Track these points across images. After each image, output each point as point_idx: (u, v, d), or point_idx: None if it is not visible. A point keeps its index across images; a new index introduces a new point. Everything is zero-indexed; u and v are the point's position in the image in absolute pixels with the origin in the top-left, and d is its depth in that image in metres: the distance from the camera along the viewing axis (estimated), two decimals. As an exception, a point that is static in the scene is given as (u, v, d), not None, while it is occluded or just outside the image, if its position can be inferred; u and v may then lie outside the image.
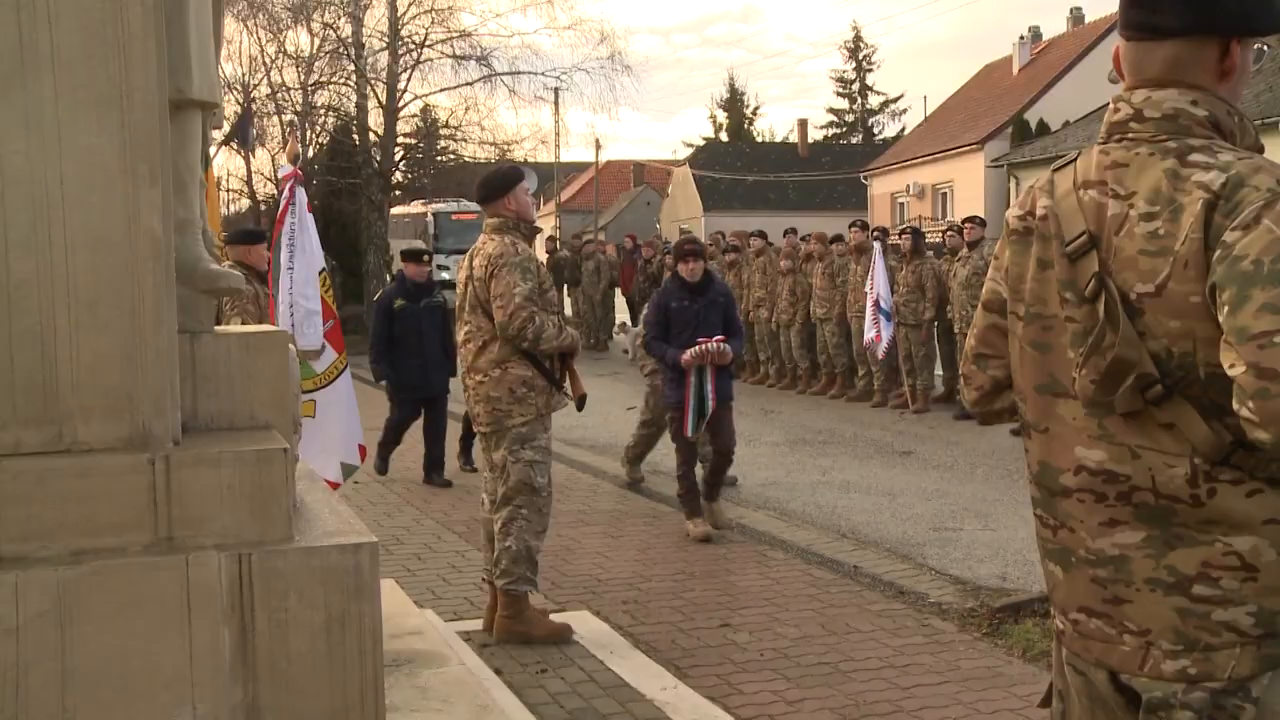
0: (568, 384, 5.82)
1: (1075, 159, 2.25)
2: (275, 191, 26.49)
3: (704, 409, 7.49)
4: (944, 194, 36.98)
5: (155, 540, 2.52)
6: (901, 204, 39.08)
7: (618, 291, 22.24)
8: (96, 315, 2.52)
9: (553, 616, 5.84)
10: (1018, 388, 2.31)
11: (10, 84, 2.47)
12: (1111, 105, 2.23)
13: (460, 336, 5.73)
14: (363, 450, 6.51)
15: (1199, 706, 2.03)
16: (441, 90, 26.45)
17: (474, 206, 37.16)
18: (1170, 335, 2.00)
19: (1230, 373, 1.86)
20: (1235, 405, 1.85)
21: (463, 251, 6.31)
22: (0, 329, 2.46)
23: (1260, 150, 2.12)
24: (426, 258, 9.99)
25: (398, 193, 28.60)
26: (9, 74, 2.47)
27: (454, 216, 29.67)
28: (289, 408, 3.02)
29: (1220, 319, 1.89)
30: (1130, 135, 2.14)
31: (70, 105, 2.49)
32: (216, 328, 3.10)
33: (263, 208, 27.15)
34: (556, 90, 30.85)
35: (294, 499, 2.74)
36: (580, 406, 6.01)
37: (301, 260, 6.33)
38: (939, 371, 13.87)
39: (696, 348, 7.44)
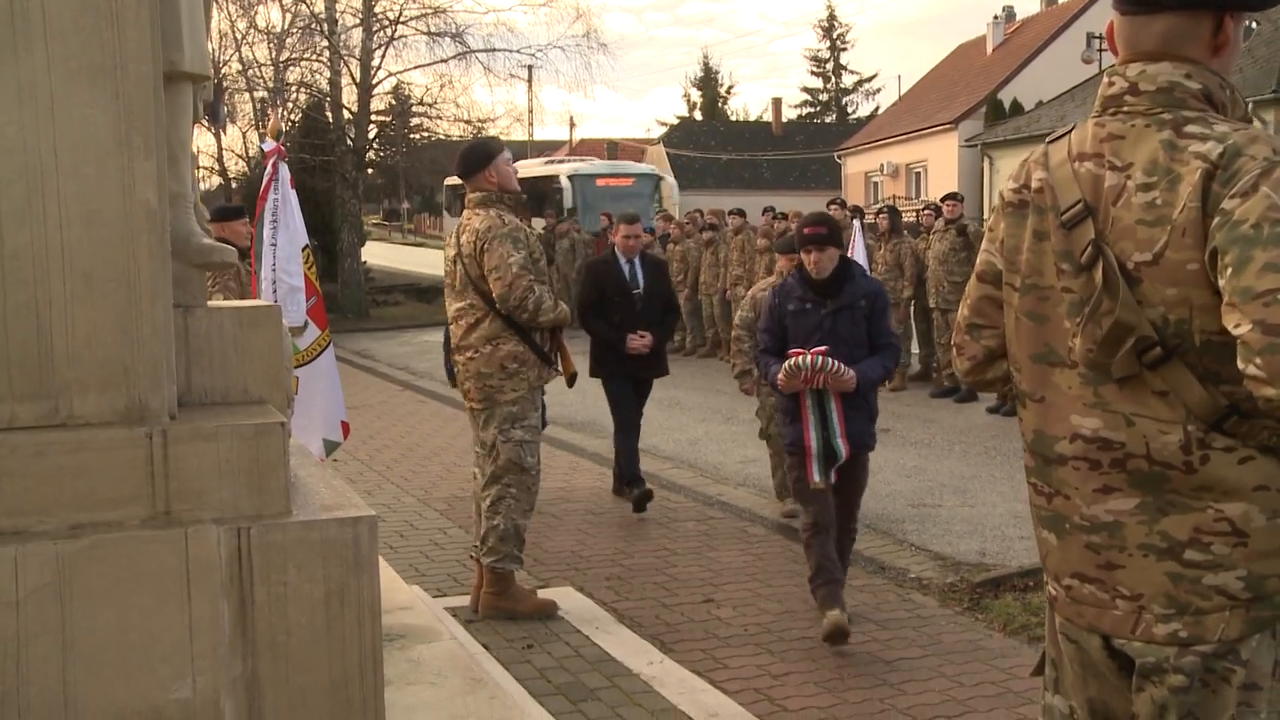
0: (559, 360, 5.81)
1: (1069, 132, 2.28)
2: (247, 169, 26.31)
3: (833, 450, 5.39)
4: (918, 173, 37.09)
5: (153, 514, 2.51)
6: (875, 183, 39.16)
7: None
8: (92, 288, 2.50)
9: (537, 593, 5.86)
10: (1013, 358, 2.34)
11: (2, 54, 2.44)
12: (1106, 79, 2.25)
13: (450, 314, 5.72)
14: (345, 427, 6.49)
15: (1190, 670, 2.07)
16: (416, 67, 26.35)
17: (626, 167, 28.97)
18: (1167, 303, 2.03)
19: (1235, 332, 1.88)
20: (1241, 364, 1.87)
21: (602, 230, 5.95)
22: (-5, 302, 2.44)
23: (1249, 122, 2.15)
24: None
25: (370, 170, 28.34)
26: (1, 44, 2.44)
27: (600, 181, 24.45)
28: (283, 383, 3.01)
29: (1222, 283, 1.92)
30: (1125, 108, 2.17)
31: (63, 76, 2.47)
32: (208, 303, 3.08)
33: (234, 185, 26.95)
34: (530, 68, 30.70)
35: (290, 473, 2.74)
36: (571, 383, 6.02)
37: (285, 237, 6.30)
38: (915, 349, 13.94)
39: (789, 362, 5.33)
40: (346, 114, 25.35)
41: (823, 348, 5.32)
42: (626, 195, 25.23)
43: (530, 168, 28.81)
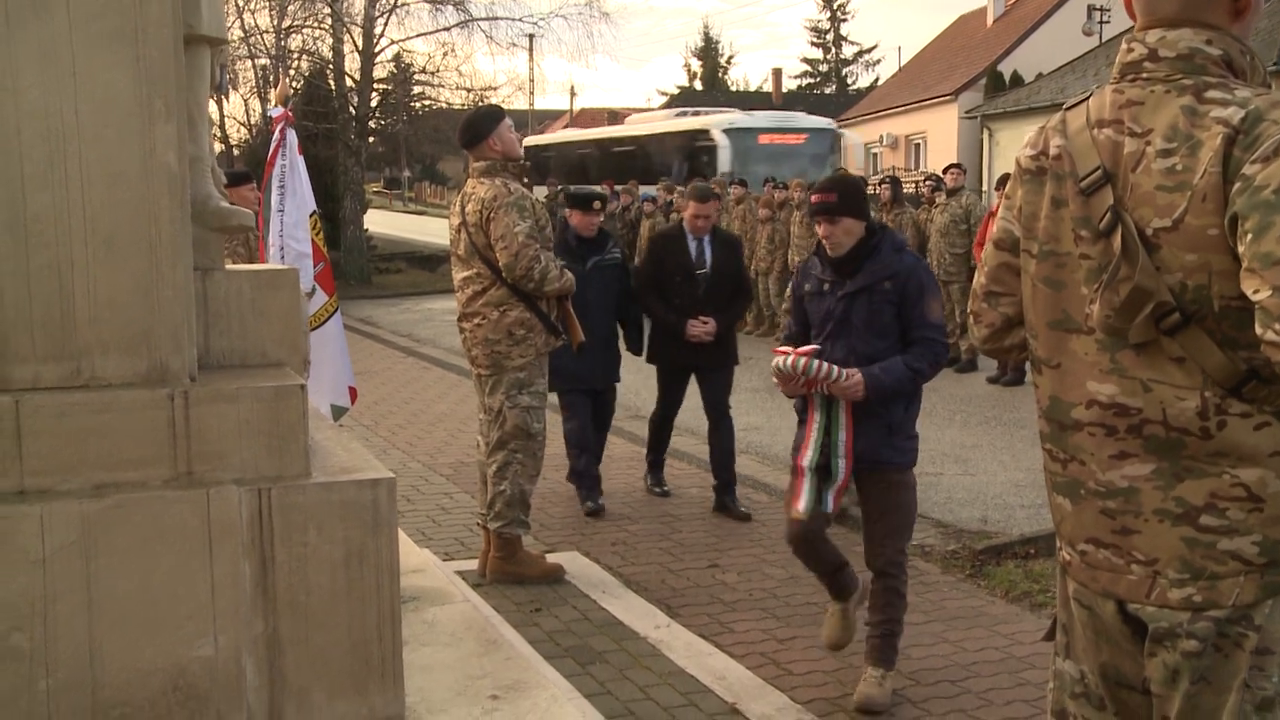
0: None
1: (1087, 98, 2.27)
2: (249, 136, 26.18)
3: (831, 472, 4.45)
4: (917, 145, 37.00)
5: (175, 475, 2.54)
6: (875, 154, 39.06)
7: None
8: (113, 250, 2.52)
9: (545, 557, 5.90)
10: (1029, 324, 2.34)
11: (25, 17, 2.45)
12: (1124, 45, 2.25)
13: (456, 282, 5.73)
14: (353, 392, 6.51)
15: (1204, 635, 2.09)
16: (418, 35, 26.19)
17: (795, 120, 22.50)
18: (1186, 269, 2.04)
19: (1254, 298, 1.89)
20: (1259, 329, 1.88)
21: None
22: (18, 263, 2.46)
23: (1269, 88, 2.15)
24: (598, 204, 7.18)
25: (372, 139, 28.18)
26: (24, 6, 2.45)
27: (763, 138, 20.02)
28: (300, 346, 3.03)
29: (1242, 248, 1.93)
30: (1145, 75, 2.16)
31: (85, 39, 2.48)
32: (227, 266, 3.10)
33: (235, 152, 26.84)
34: (532, 37, 30.53)
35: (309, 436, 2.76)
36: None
37: (292, 203, 6.30)
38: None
39: (773, 363, 4.40)
40: (349, 82, 25.23)
41: (810, 348, 4.38)
42: (794, 155, 20.37)
43: (662, 121, 23.05)
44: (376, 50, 25.11)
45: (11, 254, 2.45)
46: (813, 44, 66.01)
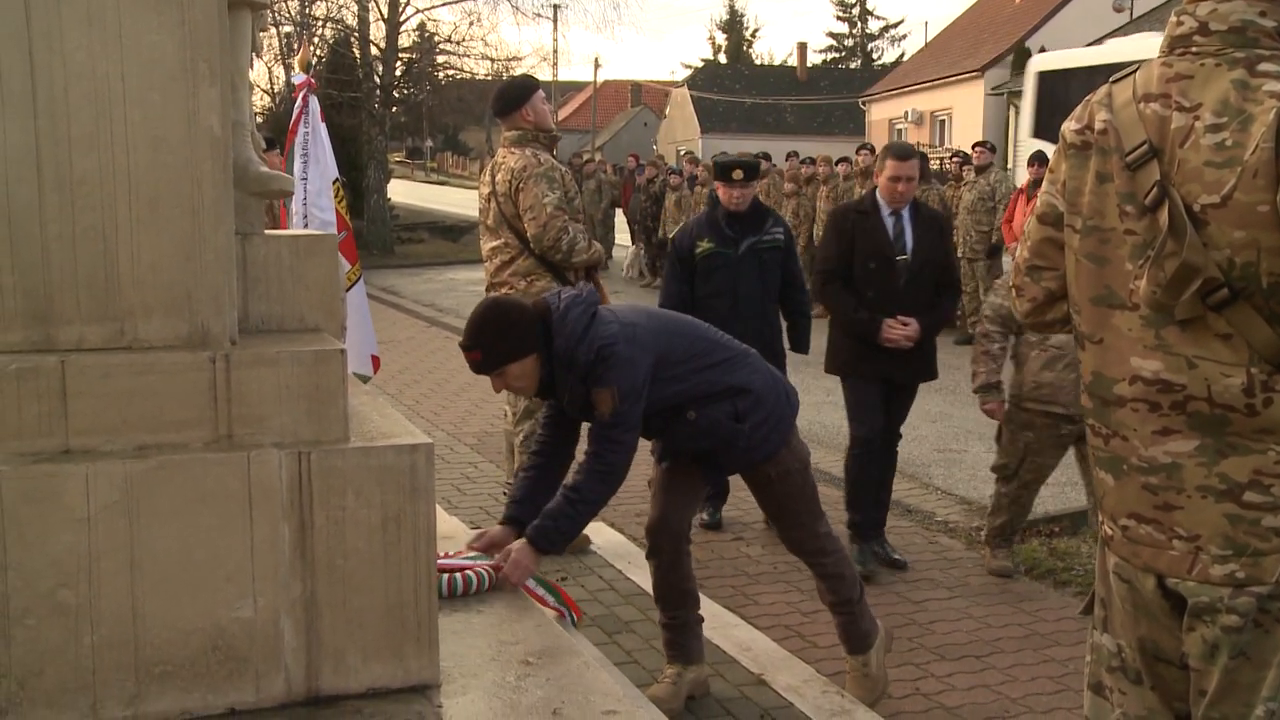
0: None
1: (1134, 72, 2.25)
2: (272, 103, 26.20)
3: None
4: (943, 121, 36.73)
5: (216, 437, 2.55)
6: (900, 130, 38.80)
7: (618, 211, 22.17)
8: (157, 213, 2.53)
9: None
10: (1072, 299, 2.33)
11: (72, -22, 2.46)
12: (1174, 18, 2.23)
13: (484, 252, 5.73)
14: (376, 361, 6.53)
15: (1245, 610, 2.09)
16: (444, 4, 26.11)
17: None
18: (1234, 245, 2.02)
19: None
20: None
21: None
22: (64, 225, 2.48)
23: None
24: (738, 173, 5.90)
25: (395, 109, 28.15)
26: (70, -32, 2.45)
27: None
28: (337, 312, 3.05)
29: None
30: (1194, 48, 2.14)
31: (131, 1, 2.48)
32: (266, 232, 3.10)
33: (259, 119, 26.88)
34: (556, 7, 30.50)
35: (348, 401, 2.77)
36: None
37: (315, 170, 6.30)
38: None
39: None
40: (374, 50, 25.21)
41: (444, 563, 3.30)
42: None
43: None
44: (402, 19, 25.08)
45: (58, 216, 2.46)
46: (838, 18, 65.67)
